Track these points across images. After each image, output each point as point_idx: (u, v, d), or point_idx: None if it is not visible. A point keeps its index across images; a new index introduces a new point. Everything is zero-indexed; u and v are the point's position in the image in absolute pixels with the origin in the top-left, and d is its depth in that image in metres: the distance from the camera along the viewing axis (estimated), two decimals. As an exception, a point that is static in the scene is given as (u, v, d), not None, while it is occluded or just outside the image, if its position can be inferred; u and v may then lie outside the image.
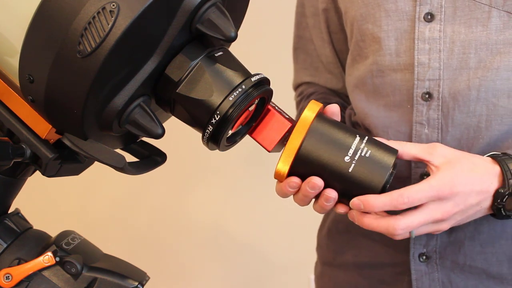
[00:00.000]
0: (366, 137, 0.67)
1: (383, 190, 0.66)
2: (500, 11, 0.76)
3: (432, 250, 0.84)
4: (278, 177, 0.67)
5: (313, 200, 0.70)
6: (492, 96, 0.77)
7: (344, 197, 0.68)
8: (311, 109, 0.66)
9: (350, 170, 0.65)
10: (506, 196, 0.71)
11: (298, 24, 1.01)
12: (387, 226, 0.68)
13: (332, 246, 0.97)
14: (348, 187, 0.66)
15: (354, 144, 0.65)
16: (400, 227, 0.68)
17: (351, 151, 0.65)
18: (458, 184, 0.69)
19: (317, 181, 0.65)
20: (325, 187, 0.66)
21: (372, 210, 0.66)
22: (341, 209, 0.69)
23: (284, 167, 0.66)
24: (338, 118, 0.70)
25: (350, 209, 0.69)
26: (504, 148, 0.79)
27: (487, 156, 0.75)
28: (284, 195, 0.70)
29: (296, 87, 1.05)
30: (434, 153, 0.71)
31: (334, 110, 0.69)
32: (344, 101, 1.00)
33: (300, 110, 0.99)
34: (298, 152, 0.65)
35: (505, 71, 0.77)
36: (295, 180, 0.66)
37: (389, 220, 0.68)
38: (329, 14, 0.95)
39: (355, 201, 0.66)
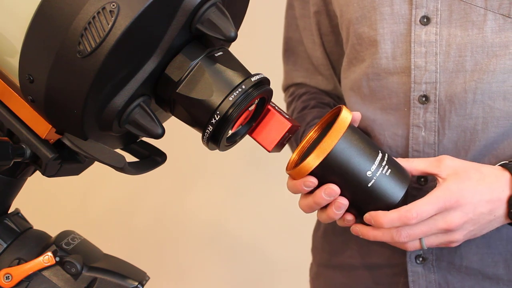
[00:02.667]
0: (387, 155, 0.69)
1: (394, 208, 0.68)
2: (496, 14, 0.76)
3: (428, 252, 0.84)
4: (300, 171, 0.67)
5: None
6: (488, 98, 0.77)
7: (353, 208, 0.69)
8: (347, 114, 0.67)
9: (369, 185, 0.66)
10: None
11: (288, 26, 1.02)
12: (391, 236, 0.70)
13: (328, 247, 0.97)
14: (363, 200, 0.68)
15: (377, 160, 0.67)
16: (403, 235, 0.69)
17: (374, 167, 0.66)
18: (466, 195, 0.70)
19: (335, 188, 0.67)
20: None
21: (381, 226, 0.68)
22: (347, 218, 0.70)
23: (310, 166, 0.65)
24: (357, 125, 0.72)
25: (355, 221, 0.71)
26: (500, 150, 0.79)
27: (497, 165, 0.75)
28: (296, 191, 0.70)
29: (286, 88, 1.05)
30: (441, 165, 0.72)
31: (356, 118, 0.71)
32: (336, 102, 1.00)
33: (298, 110, 0.99)
34: (329, 154, 0.65)
35: (501, 74, 0.77)
36: (312, 180, 0.67)
37: (392, 229, 0.70)
38: (321, 17, 0.95)
39: (367, 216, 0.68)
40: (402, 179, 0.68)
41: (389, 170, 0.67)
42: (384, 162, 0.67)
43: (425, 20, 0.79)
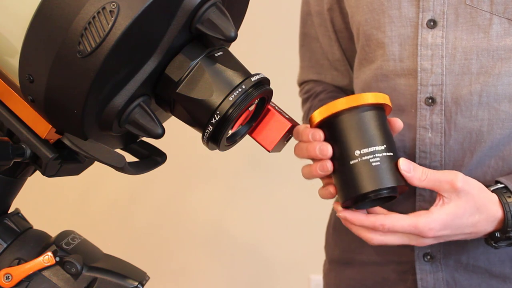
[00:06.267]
0: (391, 153, 0.69)
1: (359, 198, 0.69)
2: (501, 18, 0.77)
3: (436, 250, 0.85)
4: (310, 122, 0.72)
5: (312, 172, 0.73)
6: (494, 101, 0.78)
7: (336, 180, 0.71)
8: (375, 97, 0.70)
9: (351, 162, 0.68)
10: (501, 242, 0.75)
11: (303, 22, 1.02)
12: (363, 236, 0.73)
13: (340, 243, 0.98)
14: (341, 173, 0.70)
15: (372, 147, 0.68)
16: (374, 242, 0.73)
17: (364, 150, 0.68)
18: (447, 228, 0.72)
19: (328, 149, 0.69)
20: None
21: (352, 223, 0.72)
22: (330, 190, 0.72)
23: (317, 117, 0.70)
24: (394, 130, 0.74)
25: (335, 196, 0.73)
26: (506, 152, 0.80)
27: (494, 189, 0.75)
28: (299, 137, 0.72)
29: (301, 83, 1.06)
30: (450, 189, 0.72)
31: (398, 125, 0.73)
32: None
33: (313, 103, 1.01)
34: (332, 115, 0.69)
35: (506, 77, 0.78)
36: (321, 134, 0.70)
37: (366, 233, 0.73)
38: (334, 14, 0.96)
39: (340, 210, 0.72)
40: (383, 180, 0.68)
41: (378, 164, 0.68)
42: (380, 154, 0.68)
43: (431, 23, 0.80)
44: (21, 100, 0.54)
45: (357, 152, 0.68)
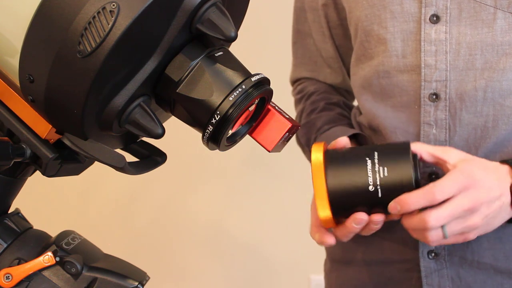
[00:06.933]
0: (376, 154, 0.70)
1: (417, 186, 0.69)
2: (505, 13, 0.76)
3: (440, 247, 0.85)
4: (326, 224, 0.71)
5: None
6: (499, 96, 0.78)
7: (386, 211, 0.72)
8: (317, 150, 0.71)
9: (380, 195, 0.69)
10: None
11: (297, 19, 1.01)
12: (418, 220, 0.71)
13: (341, 243, 0.98)
14: (385, 203, 0.70)
15: (368, 170, 0.69)
16: (431, 218, 0.70)
17: (370, 179, 0.69)
18: (478, 177, 0.71)
19: (362, 216, 0.71)
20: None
21: (409, 209, 0.70)
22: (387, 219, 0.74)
23: (326, 212, 0.70)
24: (348, 144, 0.75)
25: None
26: (511, 147, 0.80)
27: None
28: (347, 235, 0.75)
29: (294, 81, 1.05)
30: (449, 152, 0.75)
31: (343, 143, 0.75)
32: (345, 98, 1.00)
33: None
34: (328, 192, 0.69)
35: (511, 72, 0.77)
36: (363, 216, 0.71)
37: (420, 214, 0.71)
38: (328, 10, 0.95)
39: (392, 204, 0.70)
40: (402, 160, 0.69)
41: (386, 168, 0.69)
42: (377, 166, 0.69)
43: (434, 18, 0.80)
44: (21, 100, 0.54)
45: (371, 188, 0.69)
